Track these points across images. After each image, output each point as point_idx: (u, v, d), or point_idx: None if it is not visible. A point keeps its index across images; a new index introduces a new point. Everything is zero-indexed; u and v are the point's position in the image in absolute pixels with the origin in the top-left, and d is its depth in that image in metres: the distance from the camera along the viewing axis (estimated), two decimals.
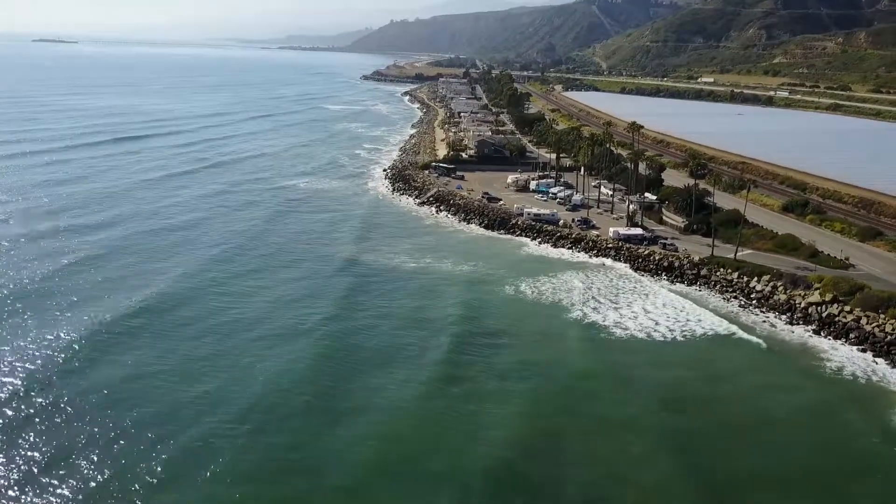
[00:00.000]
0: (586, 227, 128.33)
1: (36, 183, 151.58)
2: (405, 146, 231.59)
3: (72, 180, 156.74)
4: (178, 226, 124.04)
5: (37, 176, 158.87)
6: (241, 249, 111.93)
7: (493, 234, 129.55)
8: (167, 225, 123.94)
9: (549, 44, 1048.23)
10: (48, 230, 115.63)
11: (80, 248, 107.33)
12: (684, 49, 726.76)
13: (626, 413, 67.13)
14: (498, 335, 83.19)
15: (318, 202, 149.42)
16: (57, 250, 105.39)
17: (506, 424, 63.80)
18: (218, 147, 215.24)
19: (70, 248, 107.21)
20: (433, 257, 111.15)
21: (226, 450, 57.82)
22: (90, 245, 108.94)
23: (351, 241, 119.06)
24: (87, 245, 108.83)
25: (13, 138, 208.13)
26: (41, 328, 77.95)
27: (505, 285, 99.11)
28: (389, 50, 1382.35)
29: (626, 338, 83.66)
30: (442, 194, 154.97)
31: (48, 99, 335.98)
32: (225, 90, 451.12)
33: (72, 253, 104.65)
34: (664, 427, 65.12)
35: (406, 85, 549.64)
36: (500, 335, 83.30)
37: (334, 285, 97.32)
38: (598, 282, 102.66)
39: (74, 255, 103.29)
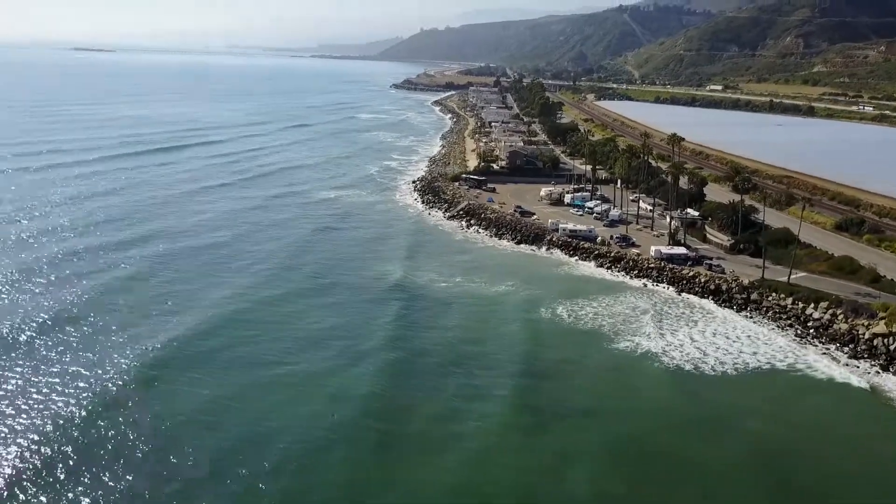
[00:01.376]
0: (626, 244, 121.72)
1: (70, 196, 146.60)
2: (434, 157, 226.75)
3: (105, 193, 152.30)
4: (214, 244, 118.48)
5: (70, 188, 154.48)
6: (277, 270, 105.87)
7: (527, 251, 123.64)
8: (203, 243, 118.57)
9: (579, 52, 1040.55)
10: (82, 248, 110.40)
11: (115, 267, 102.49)
12: (719, 58, 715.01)
13: (695, 456, 61.27)
14: (536, 365, 77.29)
15: (348, 218, 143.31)
16: (92, 270, 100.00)
17: (579, 469, 58.60)
18: (251, 159, 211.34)
19: (105, 266, 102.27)
20: (464, 276, 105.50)
21: (280, 488, 54.13)
22: (126, 264, 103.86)
23: (379, 260, 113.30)
24: (123, 264, 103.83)
25: (46, 149, 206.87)
26: (81, 354, 73.29)
27: (541, 308, 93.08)
28: (419, 58, 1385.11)
29: (673, 368, 77.16)
30: (472, 207, 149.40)
31: (85, 109, 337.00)
32: (257, 98, 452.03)
33: (107, 272, 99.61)
34: (753, 477, 58.59)
35: (436, 94, 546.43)
36: (538, 365, 77.40)
37: (363, 310, 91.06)
38: (641, 306, 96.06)
39: (110, 275, 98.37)
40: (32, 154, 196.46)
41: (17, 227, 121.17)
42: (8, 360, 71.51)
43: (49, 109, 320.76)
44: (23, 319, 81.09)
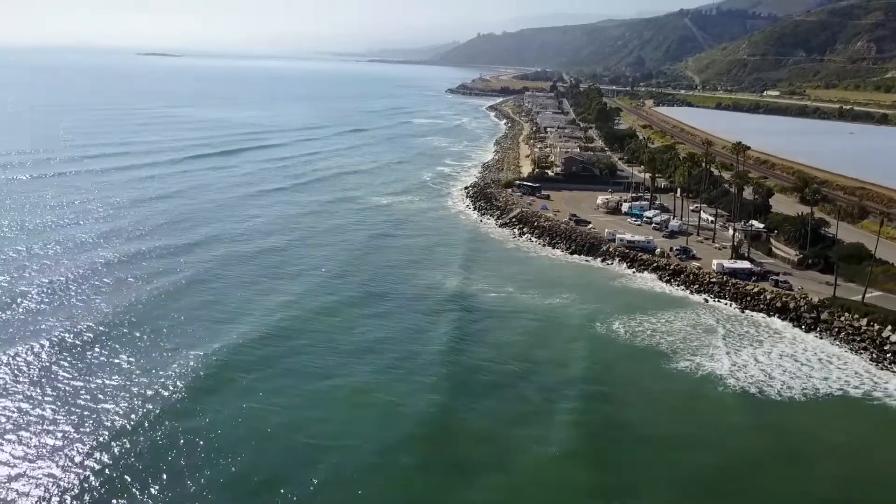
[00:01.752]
0: (686, 257, 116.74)
1: (130, 199, 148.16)
2: (488, 163, 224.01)
3: (164, 197, 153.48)
4: (267, 249, 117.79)
5: (131, 191, 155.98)
6: (329, 278, 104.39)
7: (581, 261, 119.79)
8: (256, 248, 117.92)
9: (638, 57, 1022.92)
10: (138, 252, 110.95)
11: (170, 271, 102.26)
12: (784, 63, 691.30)
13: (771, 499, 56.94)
14: (590, 386, 73.73)
15: (399, 225, 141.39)
16: (146, 274, 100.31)
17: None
18: (307, 163, 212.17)
19: (160, 271, 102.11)
20: (516, 287, 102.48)
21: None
22: (180, 269, 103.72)
23: (429, 269, 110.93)
24: (177, 269, 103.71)
25: (111, 151, 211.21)
26: (131, 361, 73.41)
27: (596, 323, 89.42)
28: (475, 63, 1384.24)
29: (736, 392, 72.69)
30: (525, 215, 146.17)
31: (151, 111, 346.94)
32: (317, 103, 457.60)
33: (161, 277, 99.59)
34: None
35: (491, 98, 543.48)
36: (593, 386, 73.82)
37: (413, 322, 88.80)
38: (702, 323, 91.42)
39: (164, 280, 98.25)
40: (99, 156, 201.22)
41: (78, 230, 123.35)
42: (59, 365, 71.93)
43: (115, 113, 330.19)
44: (75, 324, 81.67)
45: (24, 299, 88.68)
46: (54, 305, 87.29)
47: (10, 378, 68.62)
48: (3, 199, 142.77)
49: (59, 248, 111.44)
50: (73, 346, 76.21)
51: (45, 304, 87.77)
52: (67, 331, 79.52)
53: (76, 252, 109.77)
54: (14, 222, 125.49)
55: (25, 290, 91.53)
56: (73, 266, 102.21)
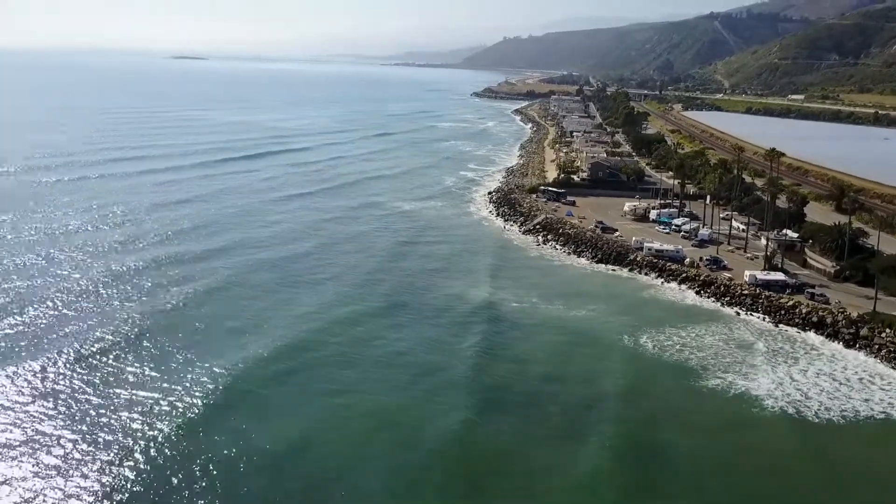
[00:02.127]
0: (717, 267, 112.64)
1: (155, 204, 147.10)
2: (512, 167, 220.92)
3: (186, 201, 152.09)
4: (291, 256, 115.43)
5: (153, 196, 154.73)
6: (351, 288, 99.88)
7: (607, 271, 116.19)
8: (279, 256, 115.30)
9: (666, 61, 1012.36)
10: (160, 258, 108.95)
11: (191, 279, 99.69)
12: (817, 66, 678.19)
13: None
14: (620, 405, 70.32)
15: (422, 232, 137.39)
16: (167, 283, 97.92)
17: None
18: (331, 168, 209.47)
19: (181, 279, 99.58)
20: (539, 297, 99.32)
21: None
22: (201, 276, 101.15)
23: (449, 279, 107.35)
24: (198, 276, 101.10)
25: (134, 154, 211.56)
26: (152, 373, 70.97)
27: (623, 335, 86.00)
28: (501, 66, 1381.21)
29: (771, 413, 68.94)
30: (550, 222, 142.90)
31: (176, 113, 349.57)
32: (342, 106, 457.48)
33: (182, 285, 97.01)
34: None
35: (517, 102, 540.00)
36: (623, 405, 70.39)
37: (434, 335, 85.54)
38: (734, 338, 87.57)
39: (186, 288, 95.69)
40: (121, 160, 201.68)
41: (98, 235, 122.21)
42: (72, 377, 70.18)
43: (141, 116, 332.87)
44: (96, 334, 79.73)
45: (41, 306, 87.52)
46: (69, 314, 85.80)
47: (21, 390, 67.16)
48: (23, 202, 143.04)
49: (78, 253, 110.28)
50: (86, 356, 74.44)
51: (61, 312, 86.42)
52: (81, 341, 77.85)
53: (94, 258, 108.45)
54: (34, 226, 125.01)
55: (43, 296, 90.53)
56: (90, 273, 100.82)
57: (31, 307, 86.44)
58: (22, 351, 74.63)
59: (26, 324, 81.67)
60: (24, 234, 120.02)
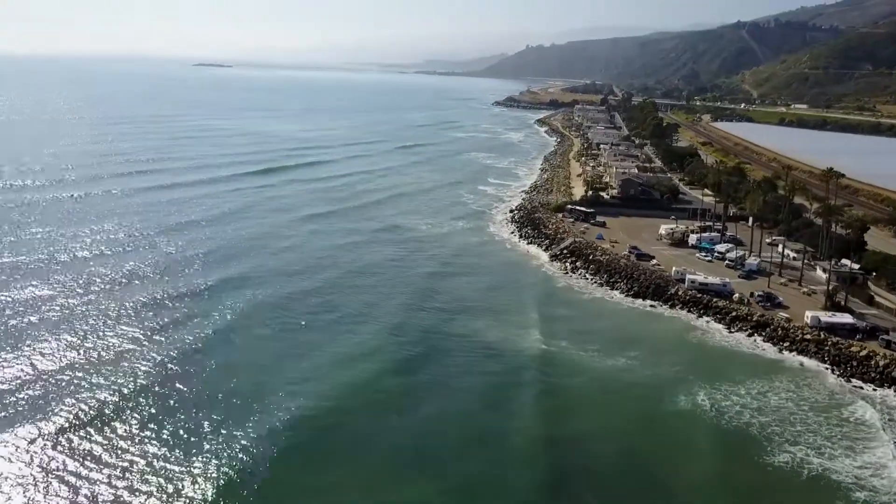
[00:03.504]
0: (770, 305, 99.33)
1: (160, 227, 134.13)
2: (535, 182, 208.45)
3: (196, 223, 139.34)
4: (307, 293, 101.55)
5: (162, 217, 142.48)
6: (372, 333, 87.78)
7: (645, 307, 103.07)
8: (293, 291, 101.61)
9: (691, 70, 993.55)
10: (161, 295, 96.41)
11: (194, 320, 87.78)
12: (849, 76, 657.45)
13: None
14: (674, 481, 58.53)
15: (442, 259, 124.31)
16: (169, 324, 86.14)
17: None
18: (351, 185, 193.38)
19: (184, 320, 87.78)
20: (570, 339, 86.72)
21: None
22: (206, 317, 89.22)
23: (468, 315, 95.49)
24: (202, 316, 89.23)
25: (146, 168, 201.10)
26: (165, 446, 60.61)
27: (677, 394, 73.00)
28: (523, 75, 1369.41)
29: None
30: (579, 246, 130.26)
31: (195, 122, 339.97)
32: (363, 115, 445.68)
33: (185, 329, 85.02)
34: None
35: (540, 112, 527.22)
36: (677, 482, 58.52)
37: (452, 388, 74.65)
38: (802, 398, 74.43)
39: (188, 334, 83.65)
40: (132, 174, 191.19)
41: (100, 264, 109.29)
42: (63, 446, 59.99)
43: (159, 126, 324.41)
44: (95, 395, 68.39)
45: (38, 343, 77.56)
46: (60, 369, 73.40)
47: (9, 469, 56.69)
48: (14, 219, 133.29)
49: (72, 287, 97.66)
50: (83, 421, 63.68)
51: (53, 365, 74.55)
52: (79, 400, 67.03)
53: (90, 292, 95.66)
54: (25, 253, 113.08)
55: (40, 333, 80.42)
56: (84, 312, 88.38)
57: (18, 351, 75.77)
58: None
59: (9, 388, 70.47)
60: (13, 260, 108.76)
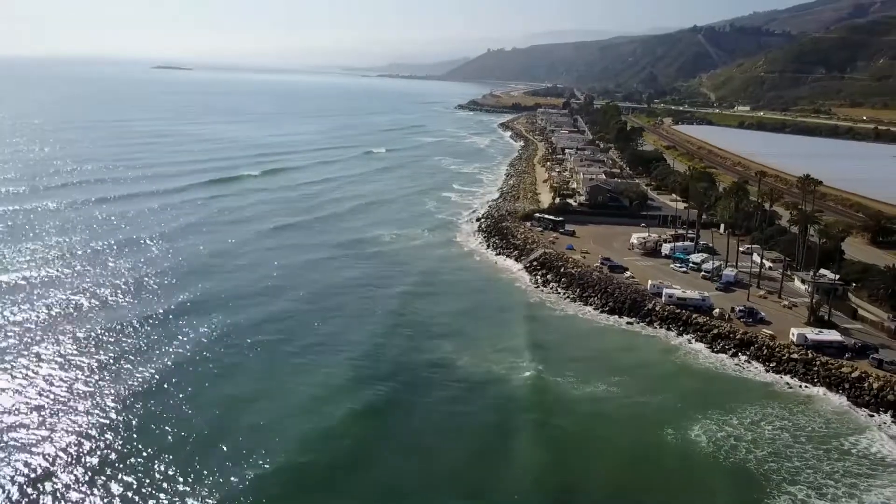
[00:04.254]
0: (752, 320, 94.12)
1: (103, 245, 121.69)
2: (502, 188, 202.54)
3: (150, 240, 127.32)
4: (276, 317, 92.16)
5: (107, 233, 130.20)
6: (343, 367, 78.17)
7: (622, 325, 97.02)
8: (256, 319, 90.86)
9: (650, 73, 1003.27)
10: (107, 326, 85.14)
11: (150, 356, 77.52)
12: (804, 80, 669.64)
13: None
14: None
15: (410, 274, 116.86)
16: (112, 363, 75.52)
17: None
18: (315, 195, 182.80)
19: (136, 354, 77.83)
20: (545, 363, 79.92)
21: None
22: (163, 351, 79.13)
23: (434, 336, 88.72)
24: (152, 354, 78.41)
25: (98, 177, 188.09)
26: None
27: (665, 426, 66.73)
28: (485, 78, 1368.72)
29: None
30: (549, 258, 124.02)
31: (152, 128, 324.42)
32: (325, 119, 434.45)
33: (141, 363, 75.26)
34: None
35: (502, 115, 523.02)
36: None
37: (419, 423, 68.17)
38: (798, 427, 68.83)
39: (143, 372, 73.49)
40: (84, 184, 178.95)
41: (40, 289, 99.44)
42: None
43: (114, 131, 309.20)
44: (28, 454, 59.35)
45: None
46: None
47: None
48: None
49: (4, 317, 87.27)
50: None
51: None
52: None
53: (20, 325, 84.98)
54: None
55: None
56: (8, 350, 78.34)
57: None
58: None
59: None
60: None
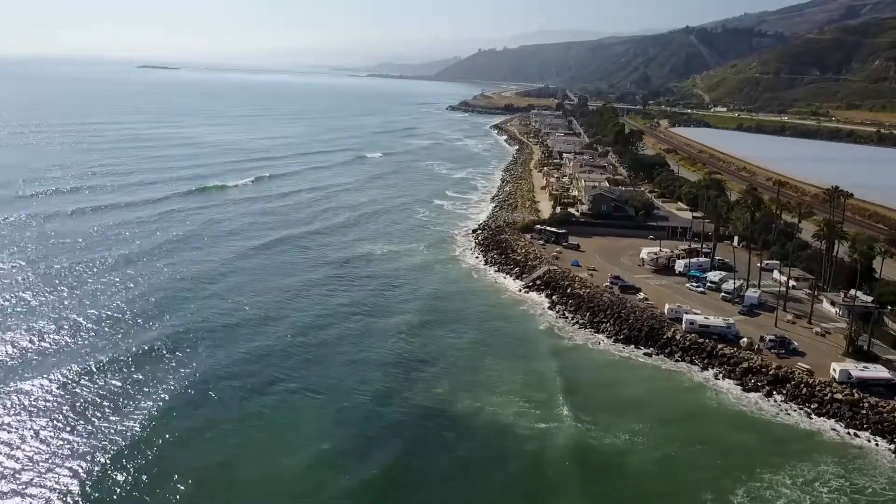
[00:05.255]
0: (785, 351, 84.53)
1: (71, 268, 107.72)
2: (498, 195, 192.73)
3: (120, 261, 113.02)
4: (258, 358, 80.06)
5: (73, 253, 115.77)
6: (336, 425, 66.55)
7: (639, 357, 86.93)
8: (241, 358, 79.44)
9: (643, 74, 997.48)
10: (69, 372, 73.30)
11: (109, 412, 66.03)
12: (799, 81, 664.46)
13: None
14: None
15: (402, 296, 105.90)
16: (78, 415, 65.02)
17: None
18: (301, 207, 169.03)
19: (96, 409, 66.46)
20: (564, 406, 69.80)
21: None
22: (126, 405, 67.52)
23: (441, 379, 78.10)
24: (121, 406, 67.16)
25: (61, 187, 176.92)
26: None
27: (703, 490, 57.03)
28: (476, 79, 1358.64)
29: None
30: (554, 276, 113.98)
31: (133, 130, 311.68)
32: (313, 121, 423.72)
33: (101, 421, 64.18)
34: None
35: (494, 116, 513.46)
36: None
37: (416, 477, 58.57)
38: (858, 488, 59.11)
39: (104, 433, 62.48)
40: (48, 194, 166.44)
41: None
42: None
43: (88, 134, 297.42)
44: None
45: None
46: None
47: None
48: None
49: None
50: None
51: None
52: None
53: None
54: None
55: None
56: None
57: None
58: None
59: None
60: None
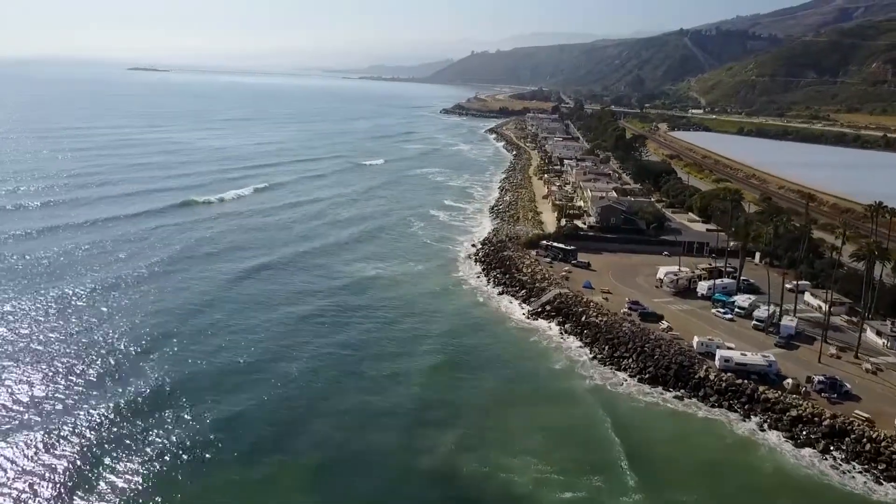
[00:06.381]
0: (836, 395, 73.81)
1: (37, 299, 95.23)
2: (497, 205, 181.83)
3: (93, 290, 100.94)
4: (252, 422, 68.67)
5: (38, 281, 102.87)
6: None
7: (668, 401, 75.90)
8: (229, 425, 67.51)
9: (637, 77, 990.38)
10: (29, 443, 62.17)
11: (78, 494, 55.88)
12: (796, 85, 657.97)
13: None
14: None
15: (401, 325, 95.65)
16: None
17: None
18: (293, 222, 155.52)
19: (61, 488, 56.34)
20: (590, 475, 58.86)
21: None
22: (96, 483, 57.50)
23: (436, 425, 68.04)
24: (93, 486, 57.14)
25: (31, 203, 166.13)
26: None
27: None
28: (469, 81, 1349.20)
29: None
30: (565, 302, 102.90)
31: (119, 135, 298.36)
32: (305, 125, 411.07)
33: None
34: None
35: (489, 120, 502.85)
36: None
37: None
38: None
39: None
40: (13, 210, 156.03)
41: None
42: None
43: (71, 139, 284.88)
44: None
45: None
46: None
47: None
48: None
49: None
50: None
51: None
52: None
53: None
54: None
55: None
56: None
57: None
58: None
59: None
60: None
